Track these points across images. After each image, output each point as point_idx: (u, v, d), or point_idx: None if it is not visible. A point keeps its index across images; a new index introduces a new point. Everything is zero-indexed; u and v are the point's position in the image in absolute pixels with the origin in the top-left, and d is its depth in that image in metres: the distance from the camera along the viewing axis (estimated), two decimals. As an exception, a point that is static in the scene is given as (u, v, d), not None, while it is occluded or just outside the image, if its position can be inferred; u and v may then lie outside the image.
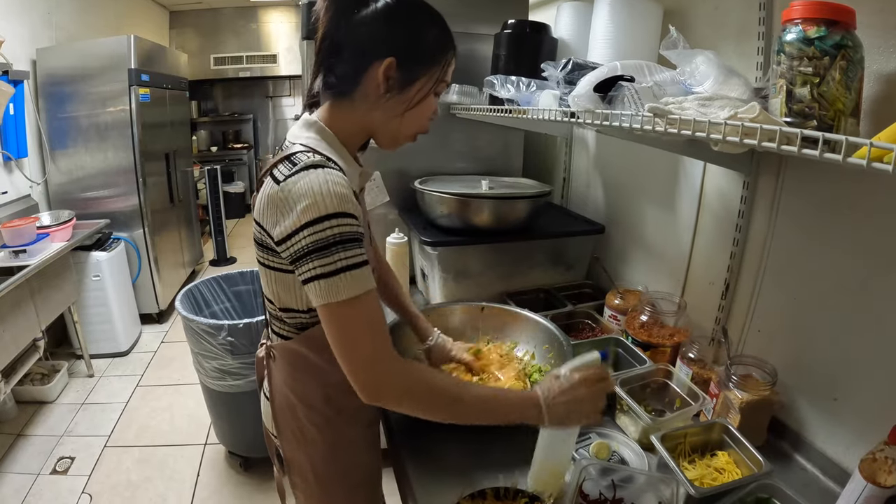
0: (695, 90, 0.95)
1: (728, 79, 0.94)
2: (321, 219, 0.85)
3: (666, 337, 1.45)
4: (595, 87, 1.04)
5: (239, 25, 6.51)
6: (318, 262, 0.86)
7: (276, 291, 1.03)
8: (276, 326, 1.11)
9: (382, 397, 0.91)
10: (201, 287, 2.63)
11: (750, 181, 1.30)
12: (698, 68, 0.94)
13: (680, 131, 0.83)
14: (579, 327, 1.66)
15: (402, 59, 0.95)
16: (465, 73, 2.02)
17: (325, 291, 0.86)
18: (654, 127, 0.87)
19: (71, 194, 3.78)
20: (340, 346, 0.89)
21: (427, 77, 0.99)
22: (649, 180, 1.75)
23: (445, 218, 1.79)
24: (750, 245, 1.35)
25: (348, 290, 0.86)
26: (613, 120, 0.99)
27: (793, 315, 1.25)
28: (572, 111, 1.13)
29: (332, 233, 0.85)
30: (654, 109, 0.85)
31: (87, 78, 3.65)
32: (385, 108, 0.99)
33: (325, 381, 1.09)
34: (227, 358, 2.19)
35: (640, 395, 1.32)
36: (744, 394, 1.18)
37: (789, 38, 0.83)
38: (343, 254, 0.86)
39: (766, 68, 1.20)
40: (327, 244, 0.85)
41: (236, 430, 2.49)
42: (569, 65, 1.19)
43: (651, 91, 0.95)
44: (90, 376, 3.41)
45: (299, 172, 0.88)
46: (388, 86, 0.96)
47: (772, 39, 1.18)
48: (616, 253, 1.92)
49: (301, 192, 0.86)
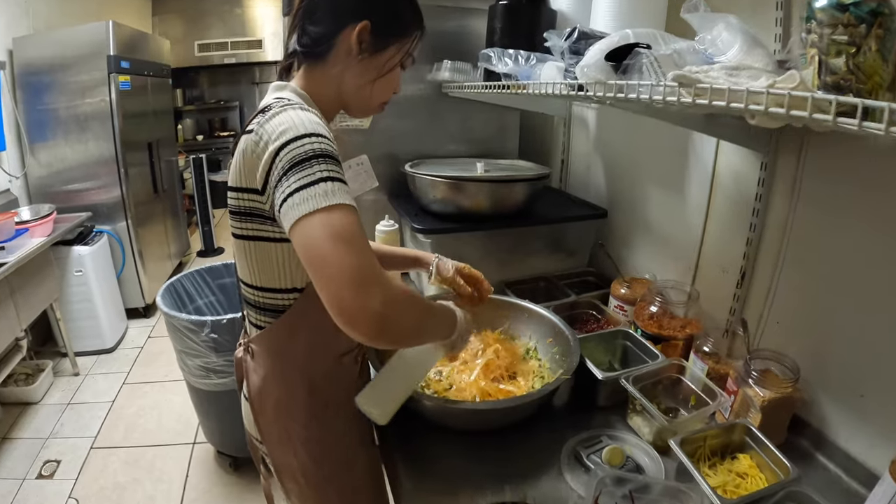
0: (717, 60, 0.85)
1: (752, 49, 0.84)
2: (299, 137, 0.82)
3: (677, 329, 1.36)
4: (606, 56, 0.94)
5: (224, 10, 6.33)
6: (296, 175, 0.79)
7: (255, 268, 0.98)
8: (254, 317, 1.04)
9: (366, 314, 0.75)
10: (184, 281, 2.52)
11: (768, 161, 1.20)
12: (720, 36, 0.83)
13: (711, 102, 0.72)
14: (583, 318, 1.56)
15: (376, 24, 0.96)
16: (458, 49, 1.94)
17: (305, 201, 0.78)
18: (680, 98, 0.77)
19: (52, 187, 3.66)
20: (321, 262, 0.76)
21: (398, 46, 1.01)
22: (655, 161, 1.64)
23: (439, 203, 1.69)
24: (768, 230, 1.25)
25: (329, 198, 0.78)
26: (630, 91, 0.88)
27: (815, 306, 1.16)
28: (580, 83, 1.02)
29: (311, 147, 0.81)
30: (681, 78, 0.74)
31: (66, 67, 3.52)
32: (357, 73, 1.00)
33: (308, 371, 1.03)
34: (210, 355, 2.09)
35: (651, 393, 1.23)
36: (765, 391, 1.10)
37: (821, 3, 0.73)
38: (324, 166, 0.80)
39: (784, 40, 1.10)
40: (307, 157, 0.80)
41: (224, 429, 2.39)
42: (574, 33, 1.07)
43: (672, 59, 0.84)
44: (75, 375, 3.32)
45: (275, 114, 0.86)
46: (360, 49, 0.97)
47: (791, 9, 1.09)
48: (620, 238, 1.82)
49: (276, 124, 0.84)
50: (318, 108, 0.98)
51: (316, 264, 0.77)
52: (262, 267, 0.97)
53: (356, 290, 0.75)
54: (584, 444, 1.13)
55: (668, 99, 0.80)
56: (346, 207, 0.78)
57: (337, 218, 0.77)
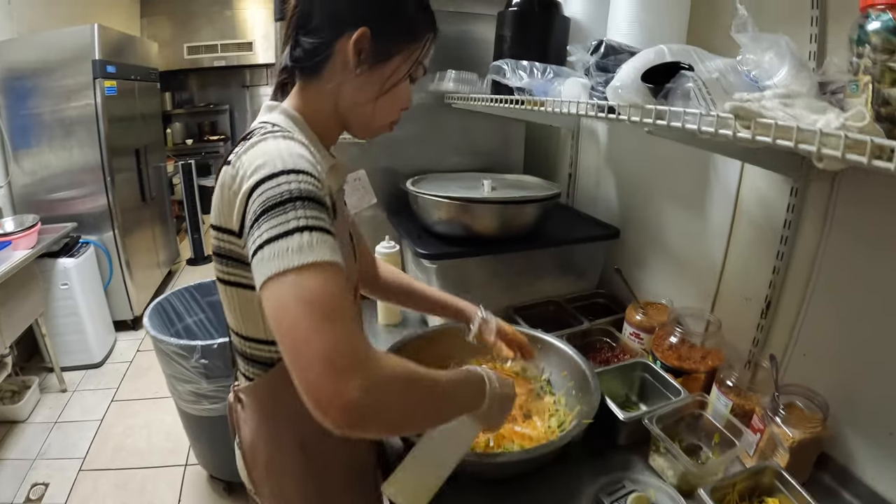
0: (762, 83, 0.77)
1: (799, 72, 0.77)
2: (274, 175, 0.70)
3: (698, 360, 1.29)
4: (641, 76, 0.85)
5: (213, 12, 6.19)
6: (268, 222, 0.66)
7: (239, 316, 0.88)
8: (243, 366, 0.95)
9: (339, 403, 0.60)
10: (172, 299, 2.43)
11: (799, 187, 1.13)
12: (767, 57, 0.76)
13: (775, 141, 0.64)
14: (597, 346, 1.48)
15: (377, 30, 0.84)
16: (461, 58, 1.84)
17: (276, 257, 0.64)
18: (736, 133, 0.68)
19: (36, 196, 3.54)
20: (291, 337, 0.63)
21: (404, 55, 0.88)
22: (671, 178, 1.55)
23: (443, 224, 1.58)
24: (796, 259, 1.18)
25: (304, 255, 0.64)
26: (673, 119, 0.79)
27: (845, 339, 1.10)
28: (610, 105, 0.93)
29: (287, 188, 0.68)
30: (739, 110, 0.66)
31: (50, 71, 3.40)
32: (355, 88, 0.87)
33: (300, 431, 0.94)
34: (201, 381, 2.00)
35: (673, 430, 1.17)
36: (794, 431, 1.03)
37: (874, 26, 0.67)
38: (301, 212, 0.67)
39: (819, 58, 1.03)
40: (281, 200, 0.67)
41: (217, 453, 2.30)
42: (601, 47, 0.99)
43: (719, 84, 0.75)
44: (63, 391, 3.21)
45: (254, 144, 0.76)
46: (359, 60, 0.84)
47: (826, 25, 1.02)
48: (632, 259, 1.73)
49: (253, 157, 0.73)
50: (313, 132, 0.89)
51: (285, 339, 0.63)
52: (246, 316, 0.88)
53: (330, 374, 0.60)
54: (607, 491, 1.06)
55: (721, 132, 0.71)
56: (324, 267, 0.65)
57: (312, 281, 0.64)
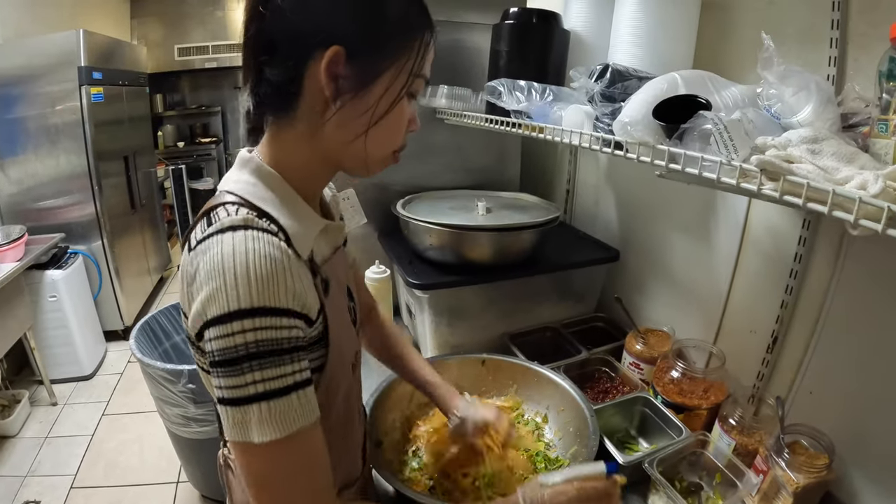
0: (782, 119, 0.71)
1: (825, 109, 0.71)
2: (227, 316, 0.58)
3: (700, 394, 1.24)
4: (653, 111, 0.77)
5: (204, 13, 6.08)
6: (225, 377, 0.59)
7: None
8: None
9: None
10: (159, 317, 2.39)
11: (811, 219, 1.08)
12: (787, 91, 0.69)
13: (806, 205, 0.56)
14: (595, 377, 1.43)
15: (354, 46, 0.65)
16: (453, 70, 1.75)
17: (232, 426, 0.60)
18: (761, 189, 0.61)
19: (23, 205, 3.47)
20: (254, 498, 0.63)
21: (394, 70, 0.68)
22: (675, 201, 1.48)
23: (435, 251, 1.50)
24: (806, 293, 1.13)
25: (262, 431, 0.59)
26: (689, 165, 0.72)
27: (855, 377, 1.05)
28: (617, 141, 0.85)
29: (242, 340, 0.58)
30: (766, 164, 0.59)
31: (35, 77, 3.32)
32: (340, 126, 0.69)
33: None
34: (189, 406, 1.94)
35: (673, 469, 1.12)
36: (799, 476, 0.99)
37: (906, 62, 0.61)
38: (258, 373, 0.59)
39: (839, 82, 0.97)
40: (235, 357, 0.58)
41: (208, 473, 2.25)
42: (607, 73, 0.89)
43: (741, 126, 0.67)
44: (53, 404, 3.15)
45: (212, 237, 0.62)
46: (336, 88, 0.66)
47: (846, 46, 0.96)
48: (632, 283, 1.67)
49: (207, 270, 0.60)
50: (294, 187, 0.72)
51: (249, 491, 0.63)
52: None
53: None
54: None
55: (744, 186, 0.64)
56: (283, 443, 0.60)
57: (267, 464, 0.61)
